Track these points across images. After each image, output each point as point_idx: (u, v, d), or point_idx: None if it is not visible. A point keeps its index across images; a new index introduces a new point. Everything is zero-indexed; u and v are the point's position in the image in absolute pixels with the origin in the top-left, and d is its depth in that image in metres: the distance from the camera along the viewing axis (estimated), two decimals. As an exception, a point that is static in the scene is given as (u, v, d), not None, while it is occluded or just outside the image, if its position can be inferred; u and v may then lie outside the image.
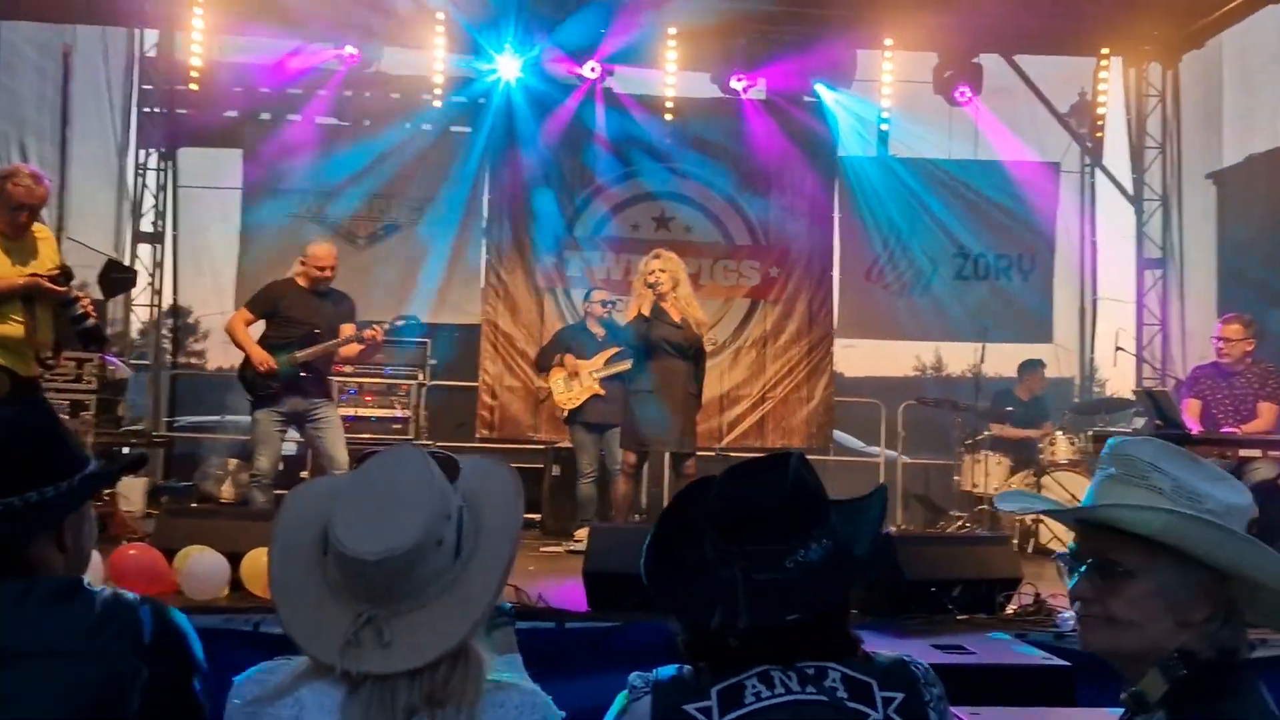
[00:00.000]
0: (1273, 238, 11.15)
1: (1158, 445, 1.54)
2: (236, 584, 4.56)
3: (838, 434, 10.53)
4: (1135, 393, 8.26)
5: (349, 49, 9.20)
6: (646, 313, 6.40)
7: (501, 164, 9.87)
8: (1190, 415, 6.53)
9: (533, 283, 9.80)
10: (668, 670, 1.58)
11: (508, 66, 9.42)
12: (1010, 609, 4.72)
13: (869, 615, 4.46)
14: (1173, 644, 1.45)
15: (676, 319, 6.42)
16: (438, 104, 9.64)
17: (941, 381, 10.09)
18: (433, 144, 9.78)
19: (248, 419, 6.27)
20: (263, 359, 5.96)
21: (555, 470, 8.14)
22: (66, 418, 6.30)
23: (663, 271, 6.42)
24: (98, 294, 6.12)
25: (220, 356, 10.63)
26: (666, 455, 6.99)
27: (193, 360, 10.29)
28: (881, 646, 3.86)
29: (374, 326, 6.25)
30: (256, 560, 4.52)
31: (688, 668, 1.57)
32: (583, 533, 7.17)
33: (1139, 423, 8.37)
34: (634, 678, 1.60)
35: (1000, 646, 3.93)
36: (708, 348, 7.28)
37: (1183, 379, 8.06)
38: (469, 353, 9.61)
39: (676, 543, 1.68)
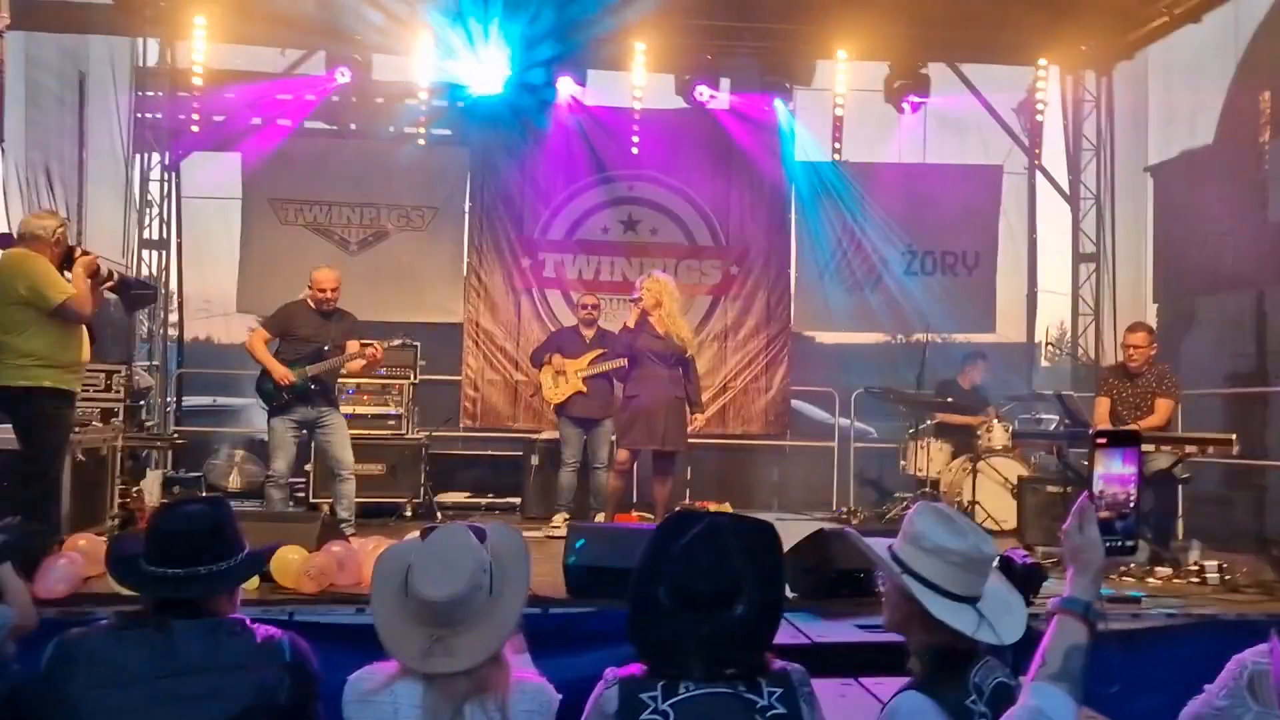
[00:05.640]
0: (1202, 228, 12.02)
1: (922, 511, 2.38)
2: (265, 577, 5.30)
3: (800, 404, 11.39)
4: (1047, 394, 9.21)
5: (342, 74, 9.87)
6: (632, 325, 7.34)
7: (482, 170, 10.64)
8: (1101, 412, 7.40)
9: (510, 284, 10.61)
10: (628, 669, 2.37)
11: (488, 77, 9.99)
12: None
13: (804, 599, 5.30)
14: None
15: (660, 332, 7.32)
16: (422, 110, 10.31)
17: (909, 348, 10.89)
18: (418, 151, 10.47)
19: (246, 401, 6.93)
20: (284, 375, 6.75)
21: (534, 460, 8.93)
22: (99, 424, 7.04)
23: (648, 291, 7.39)
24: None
25: (223, 333, 11.38)
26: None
27: (196, 335, 11.04)
28: (812, 629, 4.73)
29: (375, 345, 7.03)
30: (284, 557, 5.26)
31: (643, 667, 2.36)
32: (560, 518, 8.00)
33: (1051, 423, 9.40)
34: (607, 672, 2.39)
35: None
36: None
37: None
38: (453, 348, 10.40)
39: (645, 589, 2.38)
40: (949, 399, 9.43)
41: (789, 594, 5.40)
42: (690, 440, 8.12)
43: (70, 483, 6.01)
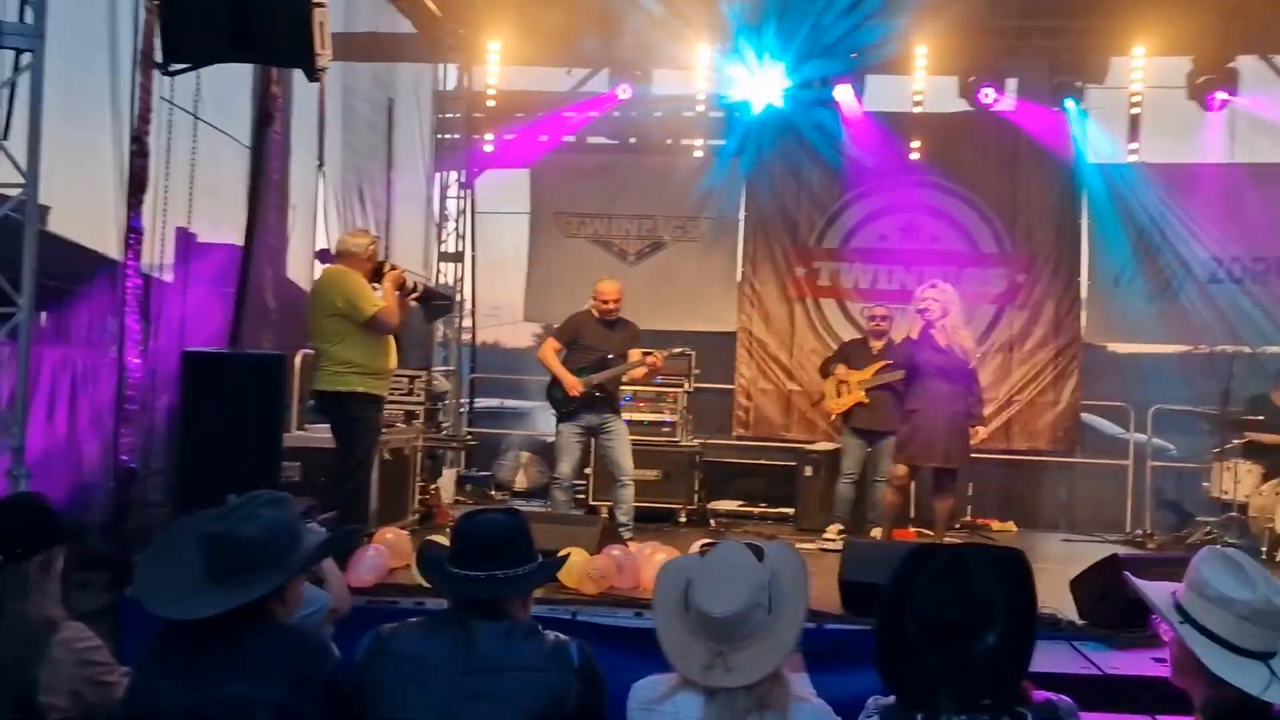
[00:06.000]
0: None
1: (1208, 557, 2.26)
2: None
3: (1091, 418, 10.81)
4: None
5: (624, 90, 10.22)
6: (915, 337, 7.18)
7: (757, 179, 10.69)
8: None
9: (784, 293, 10.61)
10: (888, 699, 2.33)
11: (764, 87, 10.01)
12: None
13: (1094, 628, 5.06)
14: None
15: (942, 344, 7.11)
16: (700, 122, 10.52)
17: (1214, 360, 10.14)
18: (694, 162, 10.68)
19: (533, 404, 7.19)
20: (573, 384, 7.08)
21: (808, 471, 8.90)
22: (402, 426, 7.59)
23: (935, 301, 7.15)
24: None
25: (511, 339, 12.10)
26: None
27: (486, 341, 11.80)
28: (1103, 659, 4.51)
29: (655, 354, 7.24)
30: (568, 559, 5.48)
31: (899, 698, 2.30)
32: (834, 530, 7.96)
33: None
34: (869, 702, 2.36)
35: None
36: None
37: None
38: (726, 357, 10.53)
39: (891, 621, 2.30)
40: (1260, 416, 8.71)
41: (1078, 621, 5.18)
42: (972, 455, 7.87)
43: (378, 480, 6.52)
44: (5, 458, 5.12)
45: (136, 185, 6.09)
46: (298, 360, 7.28)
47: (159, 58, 5.67)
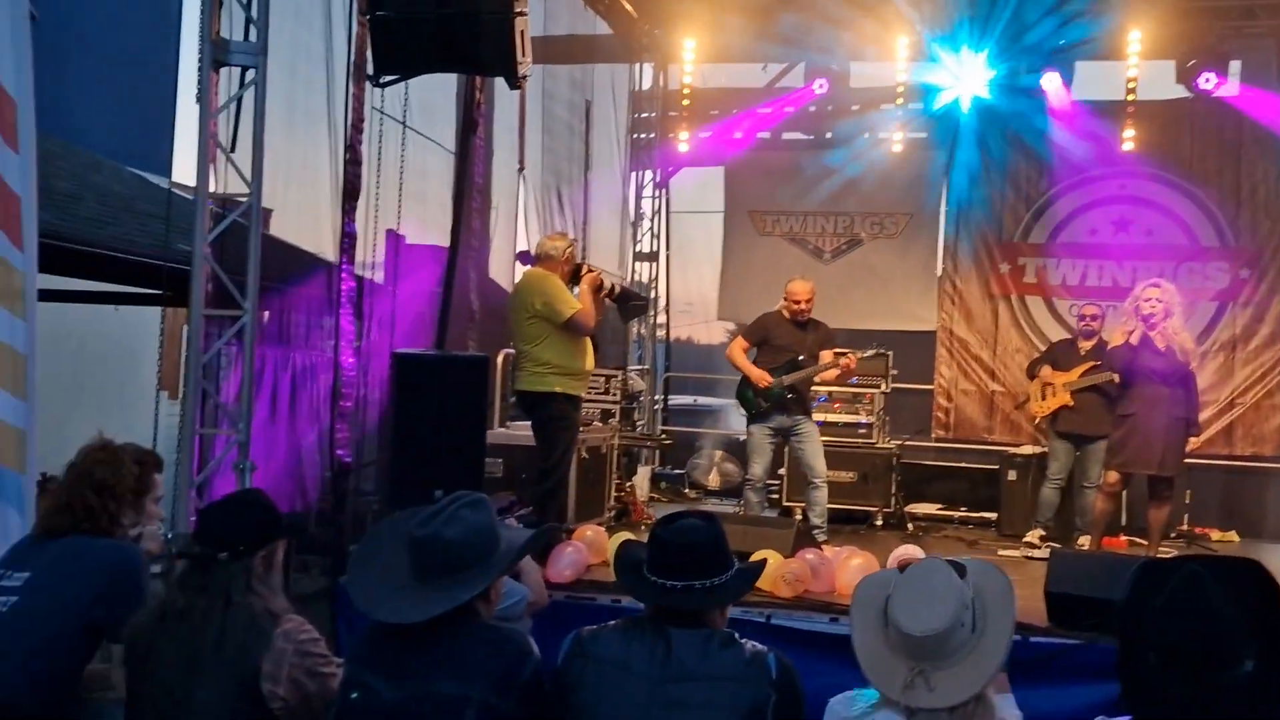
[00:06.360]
0: None
1: None
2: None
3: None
4: None
5: (820, 85, 10.09)
6: (1135, 341, 6.76)
7: (959, 174, 10.36)
8: None
9: (987, 290, 10.28)
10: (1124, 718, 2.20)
11: (967, 77, 9.68)
12: None
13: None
14: None
15: (1161, 347, 6.69)
16: (899, 116, 10.24)
17: None
18: (893, 157, 10.38)
19: (725, 402, 7.23)
20: (760, 375, 7.04)
21: (1011, 475, 8.57)
22: (599, 425, 7.72)
23: (1159, 302, 6.70)
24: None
25: (704, 335, 12.17)
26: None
27: (679, 337, 11.90)
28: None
29: (849, 355, 7.12)
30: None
31: None
32: (1035, 535, 7.66)
33: None
34: None
35: None
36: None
37: None
38: (925, 357, 10.27)
39: (1131, 651, 2.14)
40: None
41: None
42: (1188, 460, 7.41)
43: (576, 478, 6.66)
44: (233, 452, 5.47)
45: (350, 191, 6.38)
46: (500, 359, 7.50)
47: (370, 70, 5.93)
